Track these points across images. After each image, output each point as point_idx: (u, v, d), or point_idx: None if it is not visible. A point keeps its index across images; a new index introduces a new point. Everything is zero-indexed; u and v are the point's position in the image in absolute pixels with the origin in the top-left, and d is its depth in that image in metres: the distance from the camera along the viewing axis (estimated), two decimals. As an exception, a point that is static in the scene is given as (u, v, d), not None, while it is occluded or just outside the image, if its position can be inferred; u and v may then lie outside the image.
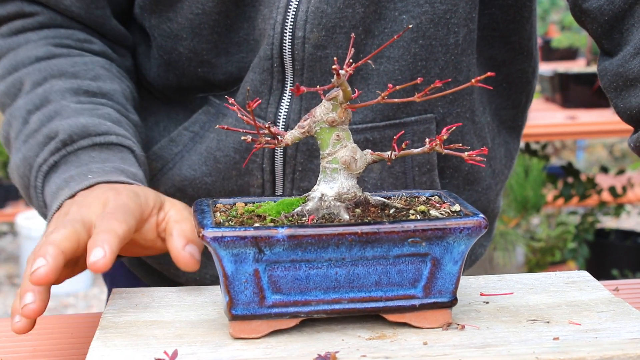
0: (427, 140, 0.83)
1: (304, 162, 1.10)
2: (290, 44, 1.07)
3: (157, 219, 0.94)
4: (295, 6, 1.07)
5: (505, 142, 1.26)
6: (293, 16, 1.07)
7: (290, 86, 1.10)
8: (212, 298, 0.90)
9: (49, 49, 1.13)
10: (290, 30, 1.07)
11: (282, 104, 1.10)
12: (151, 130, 1.21)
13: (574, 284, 0.93)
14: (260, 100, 0.83)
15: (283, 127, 1.10)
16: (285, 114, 1.10)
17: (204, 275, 1.17)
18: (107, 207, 0.90)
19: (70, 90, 1.09)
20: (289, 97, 1.10)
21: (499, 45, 1.20)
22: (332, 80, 0.79)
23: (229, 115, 1.13)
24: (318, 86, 0.80)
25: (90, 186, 0.96)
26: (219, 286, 0.89)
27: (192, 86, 1.17)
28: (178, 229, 0.91)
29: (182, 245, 0.90)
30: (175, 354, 0.75)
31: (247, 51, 1.13)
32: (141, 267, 1.27)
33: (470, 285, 0.93)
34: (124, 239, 0.86)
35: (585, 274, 0.96)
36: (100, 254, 0.82)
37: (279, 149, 1.10)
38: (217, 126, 0.89)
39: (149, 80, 1.21)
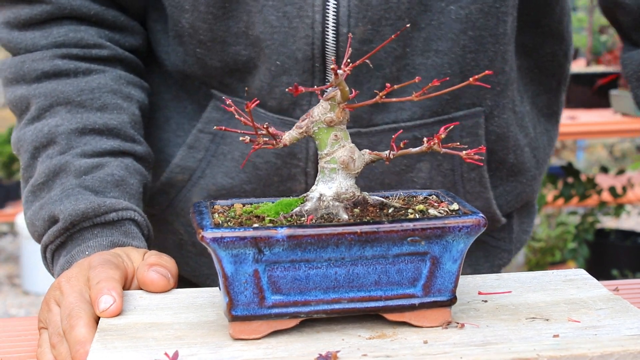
0: (424, 139, 0.83)
1: None
2: (334, 41, 1.05)
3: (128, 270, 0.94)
4: (335, 3, 1.04)
5: (546, 131, 1.24)
6: (334, 13, 1.04)
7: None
8: (211, 299, 0.90)
9: (56, 64, 1.12)
10: (334, 27, 1.04)
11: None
12: (163, 130, 1.19)
13: (572, 281, 0.93)
14: (258, 101, 0.83)
15: None
16: None
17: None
18: (92, 264, 0.91)
19: (76, 132, 1.08)
20: None
21: (529, 31, 1.17)
22: (330, 79, 0.79)
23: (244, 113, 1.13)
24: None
25: None
26: (217, 287, 0.89)
27: (193, 71, 1.15)
28: (143, 260, 0.93)
29: (147, 268, 0.91)
30: (176, 355, 0.75)
31: (245, 45, 1.11)
32: None
33: (469, 284, 0.93)
34: (122, 284, 0.89)
35: (582, 272, 0.96)
36: (110, 301, 0.84)
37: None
38: (215, 127, 0.89)
39: (163, 59, 1.20)
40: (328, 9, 1.05)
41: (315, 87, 1.04)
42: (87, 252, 0.99)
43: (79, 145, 1.07)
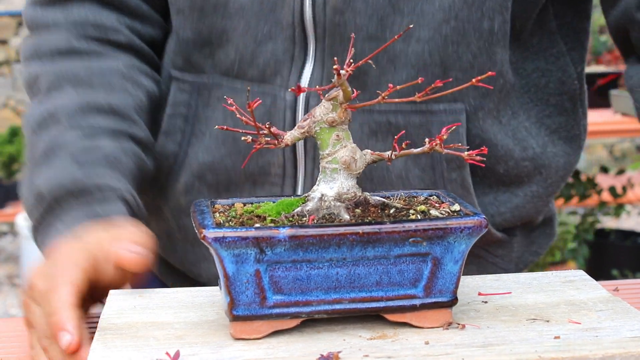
0: (426, 140, 0.83)
1: None
2: (311, 8, 1.06)
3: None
4: None
5: (565, 154, 1.20)
6: None
7: (313, 53, 1.09)
8: (211, 299, 0.90)
9: (70, 42, 1.13)
10: None
11: (304, 72, 1.09)
12: None
13: (571, 283, 0.93)
14: (260, 101, 0.83)
15: (305, 97, 1.09)
16: (308, 83, 1.09)
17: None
18: (55, 274, 0.91)
19: (79, 110, 1.09)
20: (312, 64, 1.09)
21: (516, 48, 1.16)
22: (333, 80, 0.79)
23: (212, 85, 1.13)
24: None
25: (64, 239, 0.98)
26: (217, 287, 0.89)
27: (166, 39, 1.17)
28: (119, 242, 0.92)
29: (125, 248, 0.91)
30: (177, 355, 0.75)
31: (223, 17, 1.11)
32: (163, 266, 1.27)
33: (468, 285, 0.93)
34: (80, 298, 0.88)
35: (582, 273, 0.96)
36: (67, 337, 0.84)
37: (299, 119, 1.09)
38: (217, 126, 0.89)
39: None
40: None
41: (296, 53, 1.05)
42: (65, 230, 1.00)
43: (79, 124, 1.09)
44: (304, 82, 1.09)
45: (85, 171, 1.04)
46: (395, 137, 0.83)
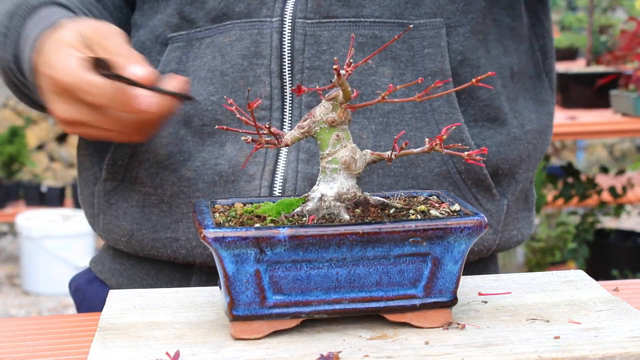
0: (426, 139, 0.83)
1: (312, 59, 1.09)
2: None
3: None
4: None
5: (536, 112, 1.22)
6: None
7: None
8: (211, 299, 0.90)
9: None
10: None
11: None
12: None
13: (571, 283, 0.93)
14: (260, 101, 0.83)
15: (291, 19, 1.10)
16: (293, 6, 1.10)
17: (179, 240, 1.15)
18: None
19: None
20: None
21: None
22: (333, 80, 0.79)
23: (204, 34, 1.14)
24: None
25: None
26: (217, 287, 0.89)
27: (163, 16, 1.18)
28: (122, 61, 0.96)
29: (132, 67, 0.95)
30: (177, 355, 0.75)
31: None
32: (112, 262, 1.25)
33: (468, 285, 0.93)
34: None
35: (581, 273, 0.96)
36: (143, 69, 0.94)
37: (286, 41, 1.09)
38: (217, 126, 0.89)
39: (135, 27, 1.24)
40: None
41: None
42: (45, 25, 1.04)
43: None
44: (290, 6, 1.10)
45: None
46: (395, 137, 0.83)
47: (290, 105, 1.10)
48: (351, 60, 0.79)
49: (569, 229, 3.54)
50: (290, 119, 1.10)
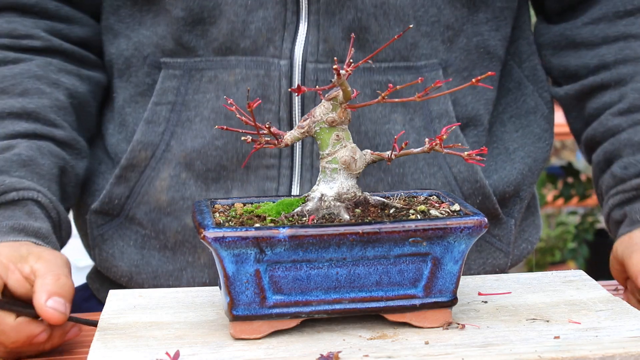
0: (426, 140, 0.83)
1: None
2: None
3: (23, 273, 0.92)
4: None
5: (526, 151, 1.22)
6: None
7: (305, 14, 1.07)
8: (210, 299, 0.90)
9: None
10: None
11: (297, 37, 1.08)
12: (125, 113, 1.17)
13: (571, 283, 0.93)
14: (260, 101, 0.83)
15: (301, 62, 1.07)
16: (303, 47, 1.07)
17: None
18: None
19: None
20: (306, 27, 1.07)
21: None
22: (333, 80, 0.79)
23: (205, 66, 1.11)
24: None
25: None
26: (216, 287, 0.89)
27: (152, 40, 1.15)
28: (40, 283, 0.90)
29: (44, 299, 0.88)
30: (177, 355, 0.75)
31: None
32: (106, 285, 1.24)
33: (468, 285, 0.93)
34: None
35: (581, 273, 0.96)
36: None
37: (295, 95, 1.07)
38: (217, 126, 0.88)
39: (111, 51, 1.19)
40: None
41: (288, 18, 1.04)
42: None
43: None
44: (299, 47, 1.07)
45: (1, 177, 1.02)
46: (395, 137, 0.83)
47: (301, 153, 1.09)
48: (351, 60, 0.79)
49: (568, 228, 3.54)
50: (300, 166, 1.08)
